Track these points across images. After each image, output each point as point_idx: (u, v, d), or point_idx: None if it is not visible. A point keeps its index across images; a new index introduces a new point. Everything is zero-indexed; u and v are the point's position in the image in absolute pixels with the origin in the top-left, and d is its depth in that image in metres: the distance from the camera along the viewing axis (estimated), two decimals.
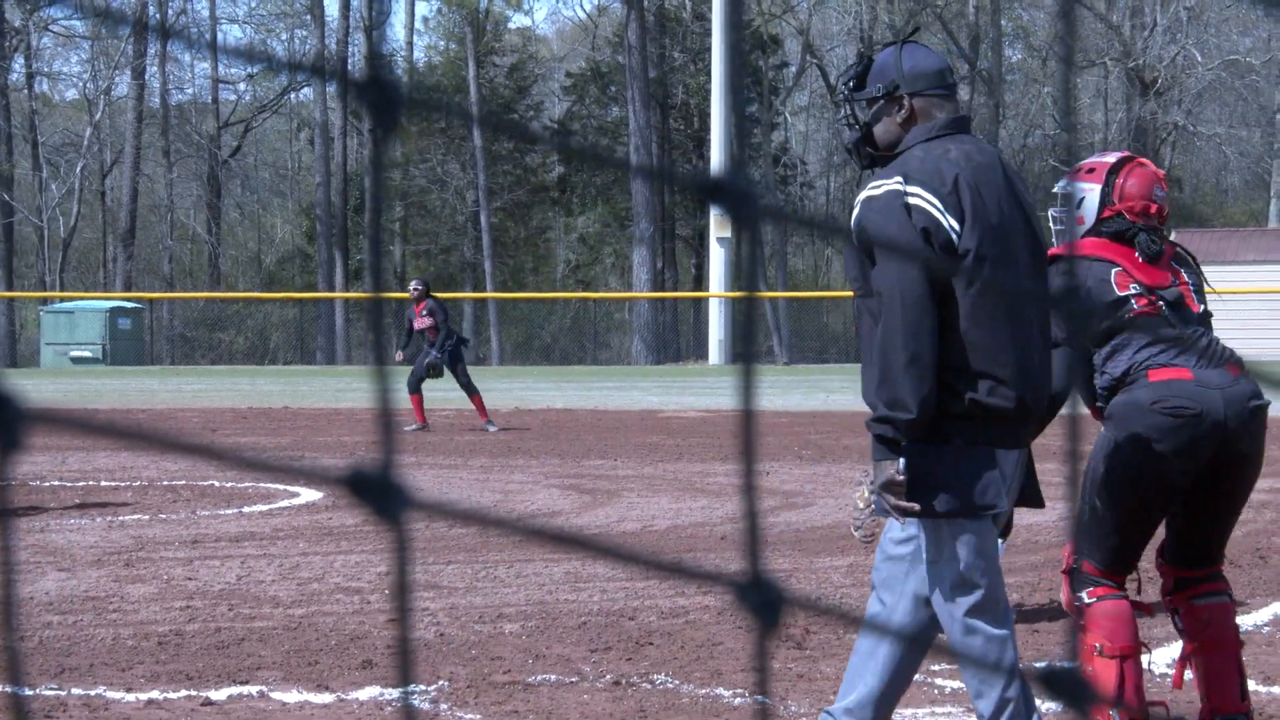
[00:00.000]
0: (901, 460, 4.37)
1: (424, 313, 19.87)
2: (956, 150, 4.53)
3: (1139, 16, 59.65)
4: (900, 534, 4.56)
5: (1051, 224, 5.45)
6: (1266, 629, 7.57)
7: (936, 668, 6.55)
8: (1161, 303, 5.19)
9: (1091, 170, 5.37)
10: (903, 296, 4.36)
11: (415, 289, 20.03)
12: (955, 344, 4.41)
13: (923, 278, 4.38)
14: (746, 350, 1.20)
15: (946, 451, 4.44)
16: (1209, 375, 5.13)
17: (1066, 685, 1.11)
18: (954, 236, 4.43)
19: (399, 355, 20.49)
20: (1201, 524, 5.25)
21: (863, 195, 4.57)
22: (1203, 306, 5.34)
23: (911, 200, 4.43)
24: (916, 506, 4.41)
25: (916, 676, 5.66)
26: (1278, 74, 61.35)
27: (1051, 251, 5.38)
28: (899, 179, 4.46)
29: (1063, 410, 5.30)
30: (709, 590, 8.27)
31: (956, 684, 6.27)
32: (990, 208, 4.47)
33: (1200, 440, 5.07)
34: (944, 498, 4.45)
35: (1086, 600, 5.20)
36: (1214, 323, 5.44)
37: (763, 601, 1.12)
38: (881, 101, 4.67)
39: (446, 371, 19.76)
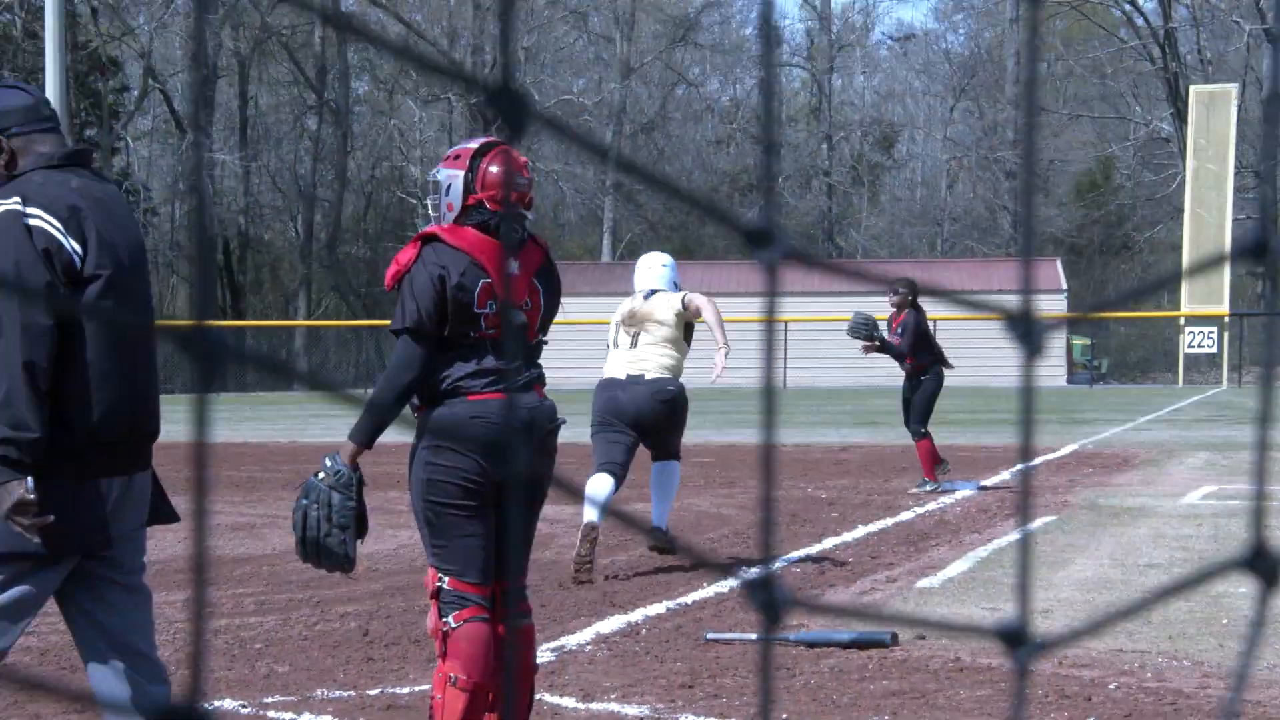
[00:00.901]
0: (30, 479, 4.36)
1: None
2: (78, 181, 4.62)
3: (480, 54, 61.44)
4: None
5: (430, 210, 5.49)
6: (588, 647, 7.88)
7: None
8: (506, 329, 5.29)
9: (457, 157, 5.42)
10: (21, 316, 4.37)
11: None
12: (72, 372, 4.46)
13: (40, 297, 4.42)
14: None
15: (55, 490, 4.44)
16: (520, 397, 5.31)
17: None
18: (76, 260, 4.51)
19: None
20: (509, 535, 5.41)
21: None
22: (540, 336, 5.49)
23: (32, 221, 4.47)
24: (50, 518, 4.41)
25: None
26: (608, 114, 64.58)
27: (426, 231, 5.42)
28: (18, 199, 4.50)
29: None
30: (31, 631, 7.87)
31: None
32: (112, 236, 4.59)
33: (508, 454, 5.24)
34: (47, 538, 4.44)
35: (453, 625, 5.23)
36: (549, 350, 5.61)
37: None
38: None
39: None
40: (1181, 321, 49.81)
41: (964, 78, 70.56)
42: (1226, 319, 48.04)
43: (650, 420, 10.20)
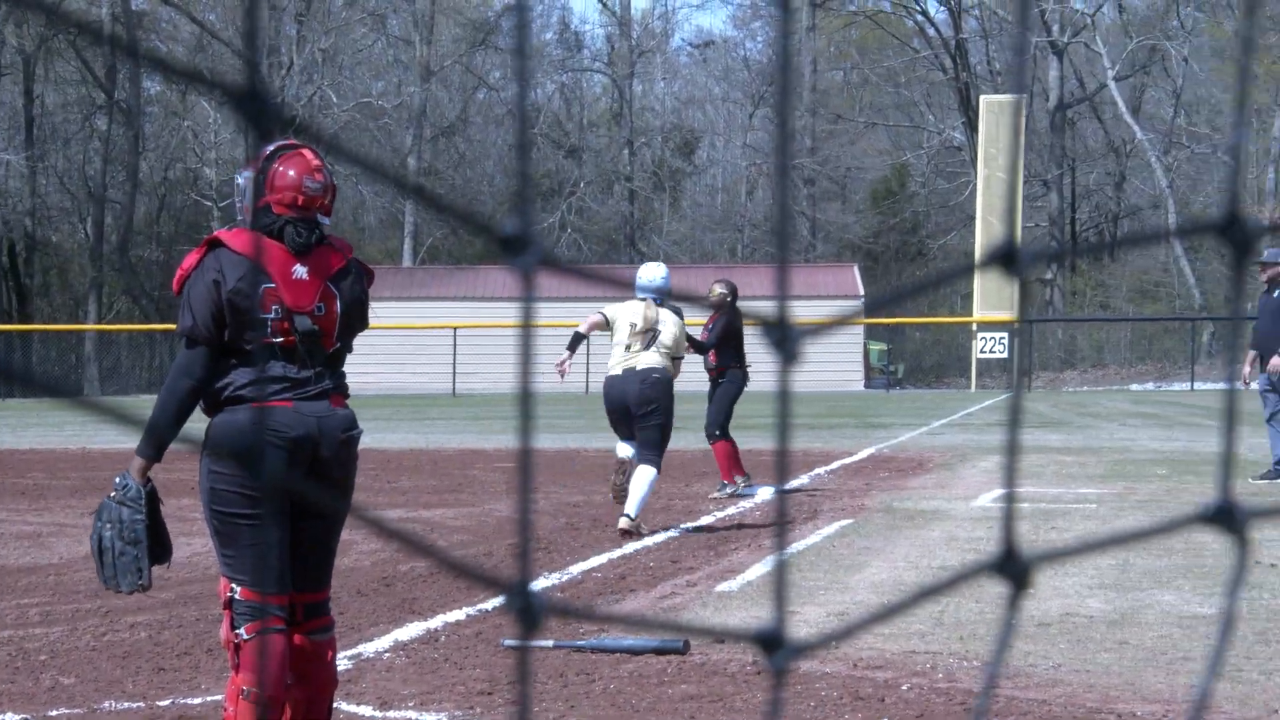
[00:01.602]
0: None
1: None
2: None
3: (275, 55, 60.59)
4: None
5: (237, 214, 5.39)
6: (386, 655, 7.80)
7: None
8: (296, 336, 5.19)
9: (256, 159, 5.33)
10: None
11: None
12: None
13: None
14: None
15: None
16: (309, 406, 5.23)
17: None
18: None
19: None
20: (306, 548, 5.32)
21: None
22: (339, 343, 5.36)
23: None
24: None
25: None
26: (408, 117, 64.13)
27: (212, 235, 5.31)
28: None
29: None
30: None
31: None
32: None
33: (296, 463, 5.17)
34: None
35: (245, 636, 5.12)
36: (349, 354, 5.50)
37: None
38: None
39: None
40: (974, 328, 50.95)
41: (763, 85, 71.37)
42: (1017, 325, 49.23)
43: (635, 399, 12.18)
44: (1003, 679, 7.15)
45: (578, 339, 12.57)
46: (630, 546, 11.77)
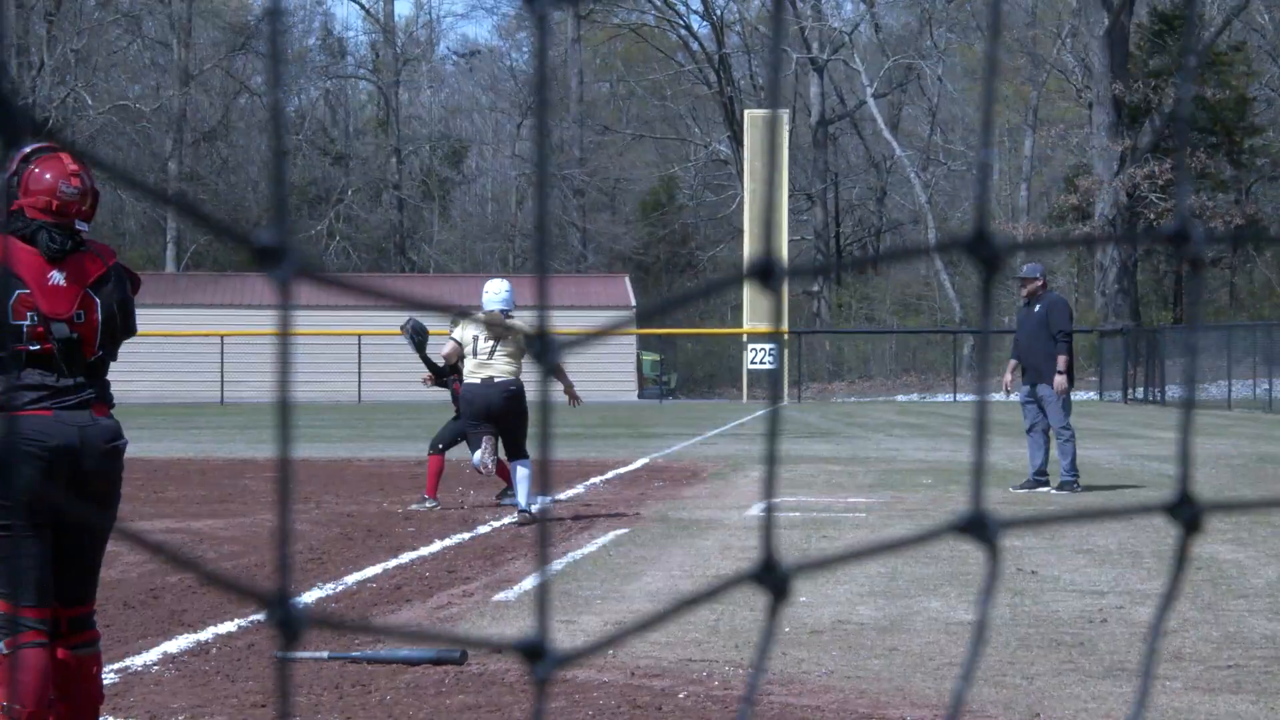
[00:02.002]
0: None
1: None
2: None
3: (25, 55, 58.80)
4: None
5: None
6: (155, 668, 7.63)
7: None
8: (54, 343, 5.05)
9: (8, 160, 5.15)
10: None
11: None
12: None
13: None
14: None
15: None
16: (71, 415, 5.09)
17: None
18: None
19: None
20: (69, 560, 5.20)
21: None
22: (101, 351, 5.23)
23: None
24: None
25: None
26: (168, 121, 62.82)
27: None
28: None
29: None
30: None
31: None
32: None
33: (56, 474, 5.04)
34: None
35: (4, 650, 4.98)
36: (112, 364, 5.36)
37: None
38: None
39: None
40: (744, 339, 51.63)
41: (530, 95, 71.44)
42: (786, 336, 50.03)
43: (500, 411, 13.38)
44: (776, 685, 7.24)
45: (446, 371, 14.59)
46: (406, 556, 11.68)
